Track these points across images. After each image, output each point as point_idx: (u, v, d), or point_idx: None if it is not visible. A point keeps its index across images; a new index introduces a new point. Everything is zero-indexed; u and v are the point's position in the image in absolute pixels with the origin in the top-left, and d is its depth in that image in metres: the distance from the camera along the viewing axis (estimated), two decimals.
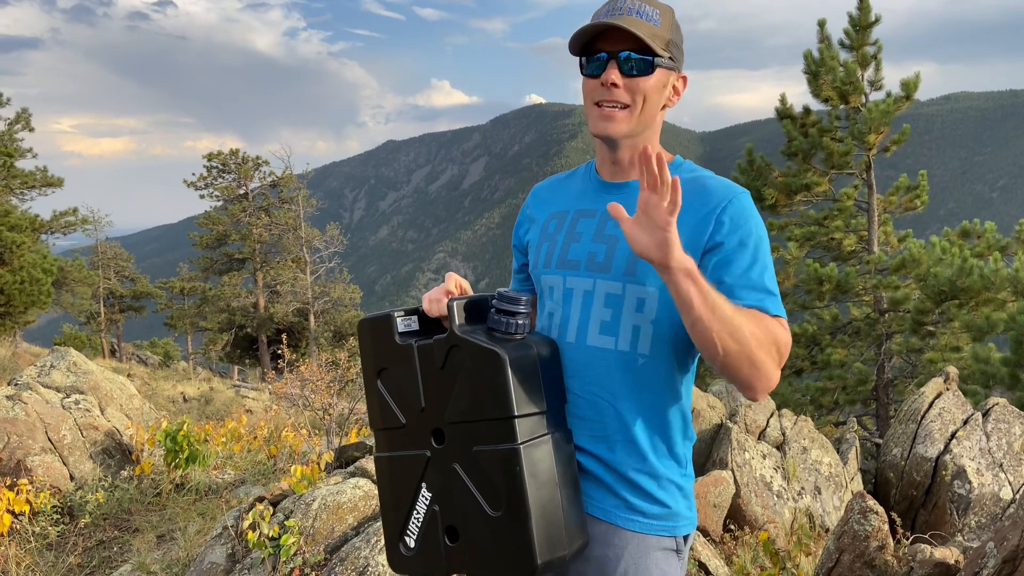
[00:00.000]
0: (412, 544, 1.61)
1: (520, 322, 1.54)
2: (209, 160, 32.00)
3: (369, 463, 4.50)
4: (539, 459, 1.49)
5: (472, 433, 1.52)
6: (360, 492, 4.04)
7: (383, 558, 3.44)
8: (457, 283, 1.66)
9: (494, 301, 1.56)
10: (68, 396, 7.06)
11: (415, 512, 1.61)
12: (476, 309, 1.60)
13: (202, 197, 32.45)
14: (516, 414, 1.47)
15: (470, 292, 1.67)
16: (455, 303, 1.56)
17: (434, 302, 1.63)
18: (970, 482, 5.84)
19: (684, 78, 1.68)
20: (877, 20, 10.53)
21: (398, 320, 1.63)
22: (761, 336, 1.43)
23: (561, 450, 1.56)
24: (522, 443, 1.47)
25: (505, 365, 1.46)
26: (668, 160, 1.71)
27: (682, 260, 1.35)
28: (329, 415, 8.60)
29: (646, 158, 1.32)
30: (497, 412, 1.48)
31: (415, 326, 1.66)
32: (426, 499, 1.59)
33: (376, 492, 4.10)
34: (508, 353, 1.48)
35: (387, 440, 1.67)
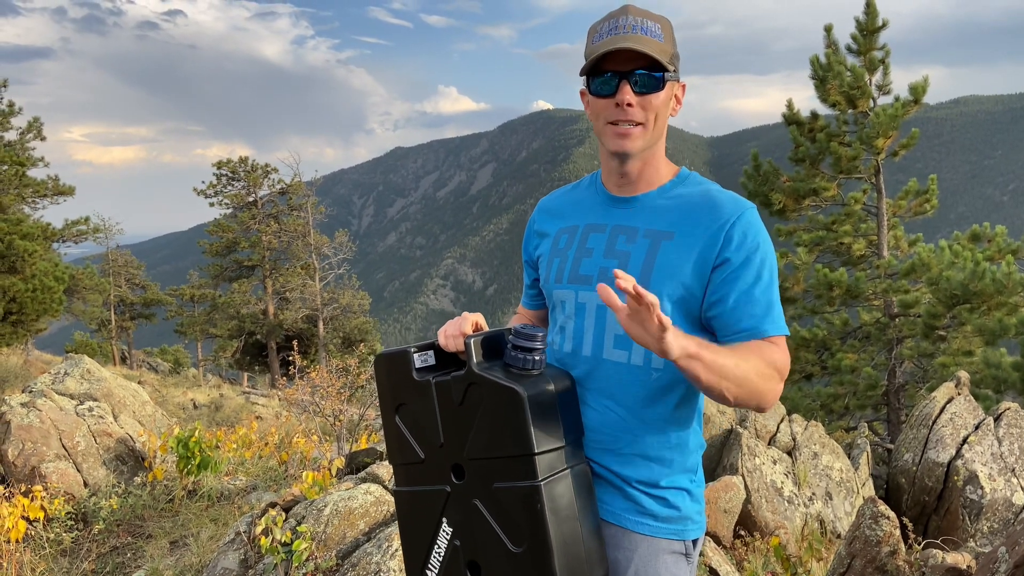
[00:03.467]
0: None
1: (537, 358, 1.55)
2: (219, 168, 32.17)
3: (380, 468, 4.53)
4: (560, 494, 1.51)
5: (492, 469, 1.53)
6: (371, 498, 4.06)
7: (395, 563, 3.46)
8: (474, 323, 1.66)
9: (511, 337, 1.56)
10: (82, 403, 7.11)
11: (436, 546, 1.62)
12: (493, 345, 1.61)
13: (212, 205, 32.62)
14: (536, 451, 1.48)
15: (485, 328, 1.68)
16: (472, 340, 1.56)
17: (451, 338, 1.63)
18: (982, 487, 5.82)
19: (683, 86, 1.70)
20: (884, 24, 10.51)
21: (415, 356, 1.64)
22: (763, 369, 1.50)
23: (580, 483, 1.58)
24: (543, 480, 1.48)
25: (524, 403, 1.47)
26: (674, 173, 1.73)
27: (684, 349, 1.38)
28: (340, 421, 8.62)
29: (623, 289, 1.31)
30: (517, 449, 1.49)
31: (431, 361, 1.67)
32: (447, 534, 1.60)
33: (388, 498, 4.12)
34: (526, 390, 1.49)
35: (406, 475, 1.68)
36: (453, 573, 1.60)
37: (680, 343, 1.36)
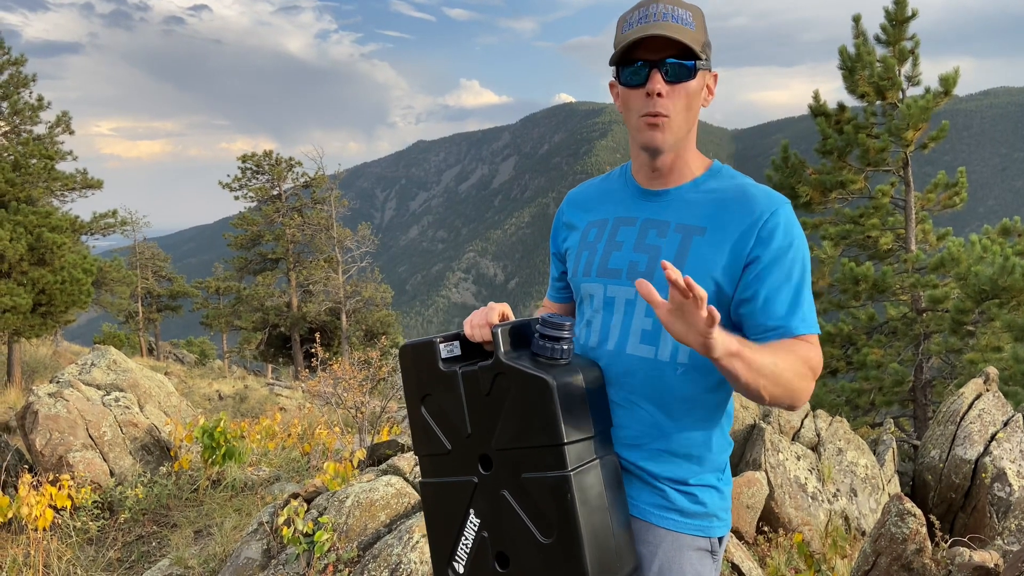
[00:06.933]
0: (461, 570, 1.62)
1: (565, 347, 1.53)
2: (243, 162, 32.46)
3: (401, 460, 4.54)
4: (589, 485, 1.49)
5: (520, 460, 1.51)
6: (392, 490, 4.07)
7: (415, 555, 3.47)
8: (500, 313, 1.63)
9: (538, 326, 1.54)
10: (108, 393, 7.21)
11: (464, 538, 1.61)
12: (520, 334, 1.59)
13: (237, 198, 32.96)
14: (565, 441, 1.46)
15: (512, 317, 1.65)
16: (500, 329, 1.54)
17: (477, 328, 1.61)
18: (1010, 484, 5.72)
19: (715, 76, 1.66)
20: (914, 14, 10.34)
21: (441, 346, 1.62)
22: (799, 368, 1.48)
23: (610, 473, 1.56)
24: (572, 470, 1.46)
25: (553, 392, 1.45)
26: (707, 166, 1.69)
27: (726, 347, 1.34)
28: (362, 413, 8.67)
29: (673, 281, 1.27)
30: (546, 439, 1.47)
31: (457, 351, 1.65)
32: (474, 525, 1.59)
33: (409, 490, 4.13)
34: (555, 379, 1.47)
35: (432, 466, 1.67)
36: (481, 564, 1.58)
37: (723, 341, 1.33)
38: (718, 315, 1.28)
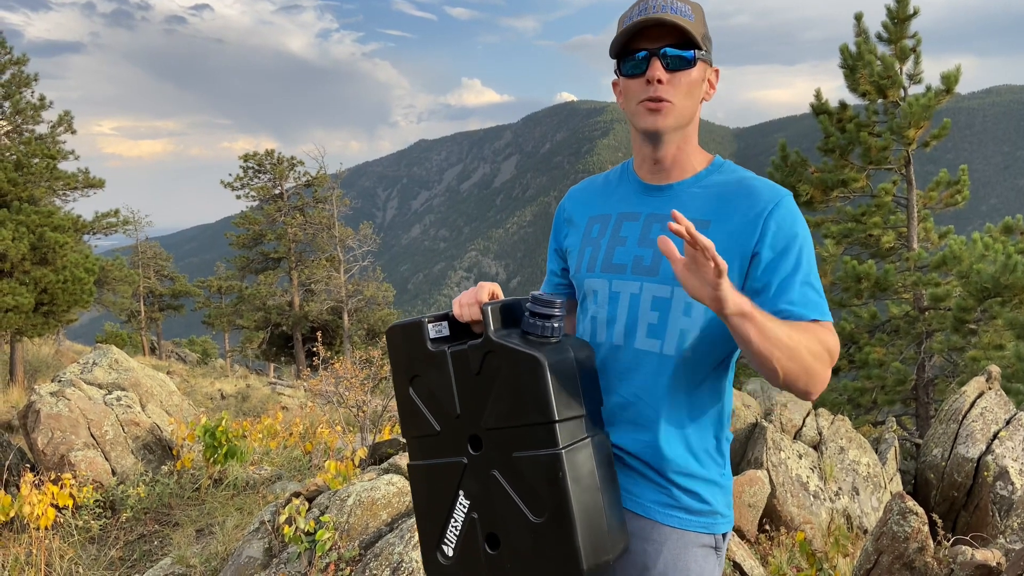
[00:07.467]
0: (450, 553, 1.60)
1: (555, 325, 1.51)
2: (245, 161, 32.46)
3: (403, 459, 4.54)
4: (581, 463, 1.48)
5: (511, 439, 1.49)
6: (394, 488, 4.07)
7: (417, 554, 3.47)
8: (490, 292, 1.62)
9: (528, 304, 1.53)
10: (110, 393, 7.21)
11: (453, 520, 1.59)
12: (510, 313, 1.58)
13: (238, 197, 32.94)
14: (557, 418, 1.44)
15: (501, 296, 1.64)
16: (489, 307, 1.53)
17: (466, 307, 1.60)
18: (1012, 483, 5.71)
19: (717, 71, 1.67)
20: (916, 13, 10.32)
21: (429, 326, 1.60)
22: (815, 348, 1.46)
23: (601, 453, 1.54)
24: (564, 448, 1.45)
25: (545, 369, 1.44)
26: (708, 161, 1.69)
27: (737, 305, 1.34)
28: (363, 412, 8.67)
29: (677, 232, 1.29)
30: (538, 417, 1.46)
31: (446, 332, 1.63)
32: (464, 507, 1.57)
33: (410, 488, 4.13)
34: (547, 357, 1.46)
35: (421, 448, 1.65)
36: (471, 546, 1.57)
37: (734, 298, 1.33)
38: (725, 266, 1.28)
